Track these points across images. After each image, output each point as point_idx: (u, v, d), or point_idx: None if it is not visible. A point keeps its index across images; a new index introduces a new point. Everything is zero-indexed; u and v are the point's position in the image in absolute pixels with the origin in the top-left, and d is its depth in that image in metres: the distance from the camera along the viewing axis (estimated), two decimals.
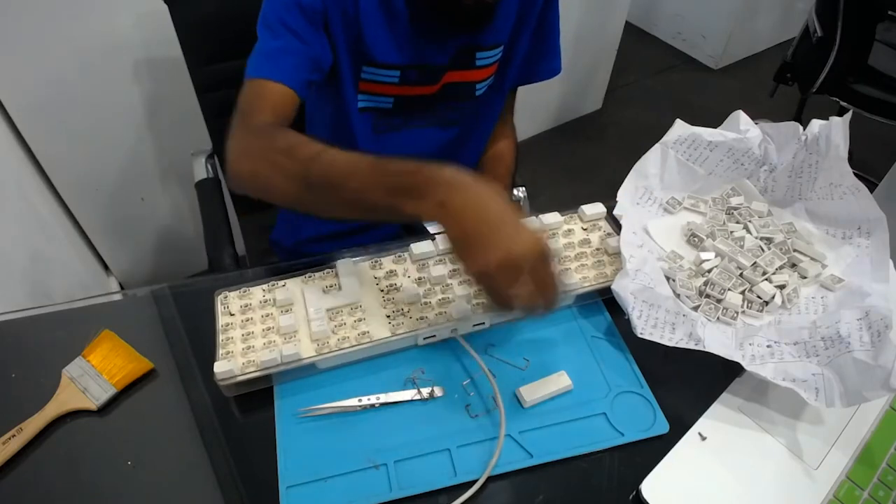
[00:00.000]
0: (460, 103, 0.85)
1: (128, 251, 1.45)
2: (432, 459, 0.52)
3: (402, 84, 0.78)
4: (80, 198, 1.29)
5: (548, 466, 0.52)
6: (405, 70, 0.77)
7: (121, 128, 1.23)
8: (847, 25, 1.39)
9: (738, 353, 0.55)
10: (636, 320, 0.57)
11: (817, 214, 0.69)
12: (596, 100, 2.23)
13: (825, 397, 0.51)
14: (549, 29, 0.86)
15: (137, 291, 0.66)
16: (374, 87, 0.78)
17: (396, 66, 0.76)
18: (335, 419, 0.55)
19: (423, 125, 0.85)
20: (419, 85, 0.79)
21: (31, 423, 0.53)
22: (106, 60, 1.12)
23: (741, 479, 0.51)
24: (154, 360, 0.58)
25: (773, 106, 1.88)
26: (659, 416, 0.55)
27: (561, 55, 0.90)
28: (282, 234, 1.01)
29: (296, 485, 0.50)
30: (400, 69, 0.77)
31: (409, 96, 0.80)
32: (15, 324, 0.63)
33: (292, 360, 0.55)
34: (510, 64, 0.86)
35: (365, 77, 0.77)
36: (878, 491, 0.51)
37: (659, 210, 0.71)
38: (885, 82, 1.48)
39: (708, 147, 0.70)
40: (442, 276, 0.62)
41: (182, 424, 0.55)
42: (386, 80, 0.78)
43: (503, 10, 0.79)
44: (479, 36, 0.78)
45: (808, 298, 0.63)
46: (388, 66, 0.76)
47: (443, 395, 0.56)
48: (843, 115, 0.65)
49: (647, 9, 2.59)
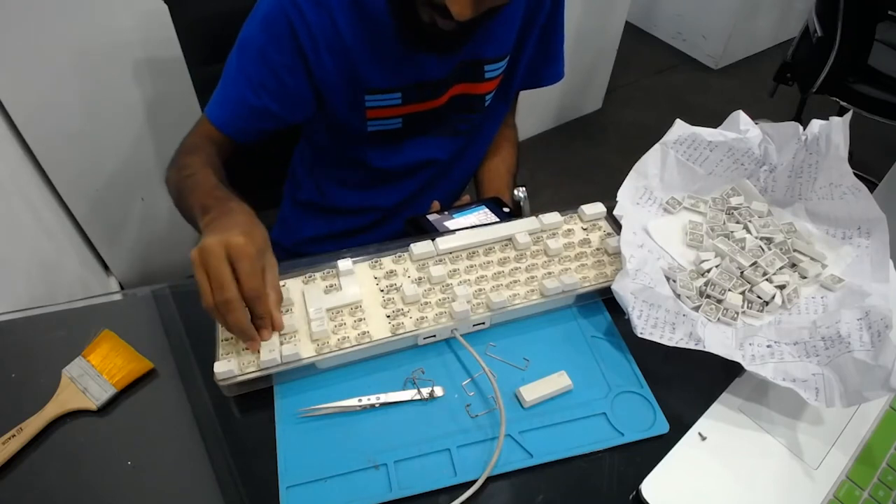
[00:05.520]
0: (472, 115, 0.86)
1: (128, 251, 1.45)
2: (432, 459, 0.52)
3: (406, 104, 0.79)
4: (80, 198, 1.29)
5: (548, 466, 0.52)
6: (405, 90, 0.77)
7: (121, 128, 1.23)
8: (847, 25, 1.39)
9: (738, 353, 0.55)
10: (636, 320, 0.57)
11: (817, 214, 0.69)
12: (596, 100, 2.23)
13: (825, 397, 0.51)
14: (553, 35, 0.86)
15: (137, 291, 0.66)
16: (380, 112, 0.79)
17: (396, 89, 0.77)
18: (335, 419, 0.55)
19: (434, 135, 0.86)
20: (423, 101, 0.79)
21: (31, 423, 0.53)
22: (106, 60, 1.12)
23: (741, 479, 0.51)
24: (154, 360, 0.58)
25: (773, 106, 1.88)
26: (659, 416, 0.55)
27: (564, 60, 0.90)
28: (281, 235, 1.01)
29: (296, 485, 0.50)
30: (400, 91, 0.77)
31: (416, 113, 0.81)
32: (15, 324, 0.63)
33: (292, 360, 0.55)
34: (516, 71, 0.86)
35: (369, 105, 0.77)
36: (879, 491, 0.51)
37: (659, 210, 0.71)
38: (885, 82, 1.48)
39: (708, 147, 0.70)
40: (442, 276, 0.62)
41: (182, 424, 0.55)
42: (389, 104, 0.78)
43: (507, 20, 0.79)
44: (481, 49, 0.78)
45: (809, 298, 0.63)
46: (388, 90, 0.77)
47: (443, 395, 0.56)
48: (843, 115, 0.65)
49: (647, 9, 2.59)
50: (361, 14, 0.71)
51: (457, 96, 0.82)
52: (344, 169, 0.89)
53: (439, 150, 0.88)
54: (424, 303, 0.60)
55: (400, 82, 0.76)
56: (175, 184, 0.70)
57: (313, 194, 0.93)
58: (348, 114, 0.78)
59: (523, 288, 0.62)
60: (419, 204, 0.93)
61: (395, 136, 0.82)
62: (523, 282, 0.63)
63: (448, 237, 0.65)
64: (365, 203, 0.92)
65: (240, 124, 0.76)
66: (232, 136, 0.76)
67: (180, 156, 0.73)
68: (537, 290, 0.62)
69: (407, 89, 0.77)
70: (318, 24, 0.70)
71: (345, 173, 0.90)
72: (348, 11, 0.70)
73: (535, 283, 0.62)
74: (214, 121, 0.75)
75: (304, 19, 0.69)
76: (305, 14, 0.69)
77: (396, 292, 0.61)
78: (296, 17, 0.69)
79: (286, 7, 0.69)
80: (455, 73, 0.79)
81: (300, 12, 0.69)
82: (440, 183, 0.94)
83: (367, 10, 0.71)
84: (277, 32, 0.70)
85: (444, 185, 0.94)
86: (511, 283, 0.62)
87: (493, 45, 0.79)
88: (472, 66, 0.79)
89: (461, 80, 0.80)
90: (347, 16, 0.71)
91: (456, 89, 0.81)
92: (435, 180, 0.92)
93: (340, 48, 0.72)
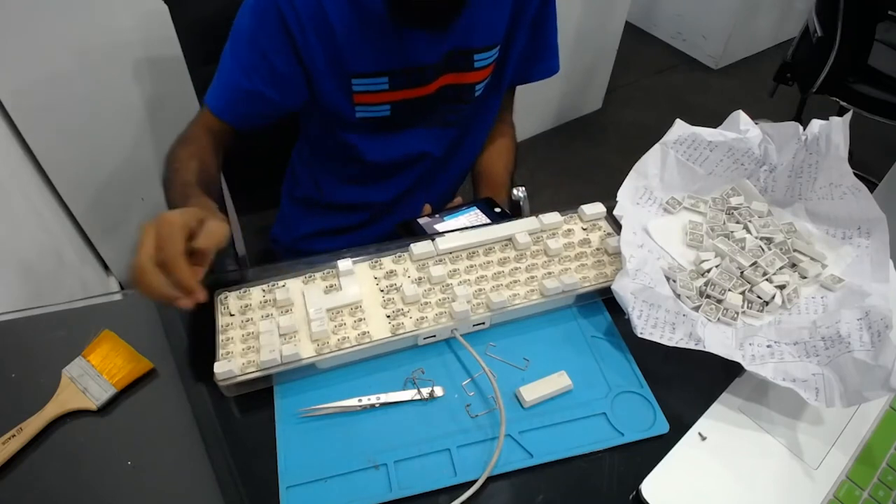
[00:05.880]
0: (462, 105, 0.85)
1: (128, 251, 1.45)
2: (432, 459, 0.52)
3: (393, 89, 0.78)
4: (80, 198, 1.29)
5: (548, 466, 0.52)
6: (392, 75, 0.77)
7: (121, 127, 1.23)
8: (847, 25, 1.39)
9: (738, 354, 0.55)
10: (636, 320, 0.57)
11: (817, 214, 0.69)
12: (596, 100, 2.23)
13: (825, 397, 0.51)
14: (545, 27, 0.86)
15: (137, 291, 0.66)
16: (367, 97, 0.78)
17: (383, 73, 0.77)
18: (335, 419, 0.55)
19: (423, 126, 0.85)
20: (411, 87, 0.79)
21: (31, 423, 0.53)
22: (106, 60, 1.12)
23: (741, 479, 0.51)
24: (154, 360, 0.58)
25: (773, 106, 1.88)
26: (659, 416, 0.55)
27: (559, 54, 0.90)
28: (280, 232, 1.01)
29: (296, 485, 0.50)
30: (387, 75, 0.77)
31: (404, 101, 0.80)
32: (15, 324, 0.63)
33: (292, 360, 0.55)
34: (507, 63, 0.86)
35: (357, 89, 0.77)
36: (878, 491, 0.51)
37: (659, 210, 0.71)
38: (886, 82, 1.48)
39: (708, 147, 0.70)
40: (442, 276, 0.62)
41: (182, 424, 0.55)
42: (376, 89, 0.78)
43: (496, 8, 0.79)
44: (470, 37, 0.78)
45: (809, 298, 0.63)
46: (374, 73, 0.76)
47: (443, 395, 0.56)
48: (843, 115, 0.65)
49: (647, 9, 2.59)
50: None
51: (446, 86, 0.81)
52: (339, 163, 0.89)
53: (431, 142, 0.87)
54: (424, 303, 0.60)
55: (387, 66, 0.76)
56: (163, 175, 0.73)
57: (311, 190, 0.94)
58: (337, 99, 0.78)
59: (523, 288, 0.62)
60: (415, 200, 0.93)
61: (384, 124, 0.82)
62: (523, 282, 0.63)
63: (448, 237, 0.65)
64: (361, 198, 0.93)
65: (235, 110, 0.77)
66: (229, 121, 0.77)
67: (175, 146, 0.75)
68: (537, 290, 0.62)
69: (394, 74, 0.77)
70: (304, 6, 0.70)
71: (340, 167, 0.90)
72: None
73: (535, 283, 0.62)
74: (211, 107, 0.76)
75: (291, 2, 0.69)
76: None
77: (396, 292, 0.61)
78: (283, 1, 0.69)
79: None
80: (444, 62, 0.78)
81: None
82: (435, 179, 0.94)
83: None
84: (266, 17, 0.71)
85: (439, 181, 0.95)
86: (511, 283, 0.62)
87: (483, 33, 0.79)
88: (461, 55, 0.79)
89: (450, 69, 0.80)
90: None
91: (445, 79, 0.81)
92: (430, 176, 0.92)
93: (328, 31, 0.72)
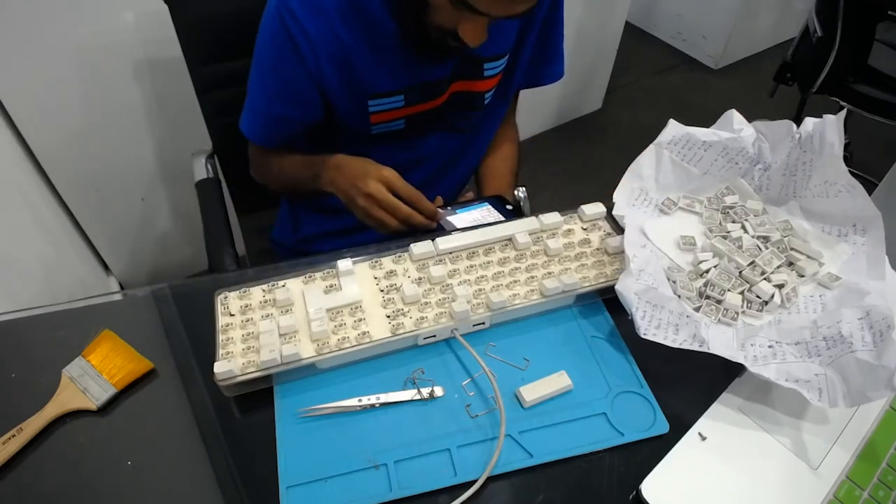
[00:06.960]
0: (471, 112, 0.86)
1: (128, 251, 1.45)
2: (432, 459, 0.52)
3: (408, 105, 0.79)
4: (80, 198, 1.29)
5: (548, 466, 0.52)
6: (408, 92, 0.78)
7: (121, 128, 1.23)
8: (847, 25, 1.39)
9: (740, 355, 0.55)
10: (640, 321, 0.57)
11: (812, 212, 0.69)
12: (596, 100, 2.23)
13: (828, 398, 0.51)
14: (553, 34, 0.86)
15: (137, 291, 0.66)
16: (383, 115, 0.80)
17: (398, 92, 0.77)
18: (335, 419, 0.55)
19: (434, 132, 0.86)
20: (425, 101, 0.80)
21: (31, 423, 0.53)
22: (106, 60, 1.12)
23: (741, 479, 0.51)
24: (154, 360, 0.58)
25: (773, 106, 1.88)
26: (659, 416, 0.55)
27: (564, 59, 0.90)
28: (282, 233, 1.01)
29: (296, 485, 0.50)
30: (403, 93, 0.78)
31: (418, 113, 0.81)
32: (15, 324, 0.63)
33: (292, 360, 0.55)
34: (515, 69, 0.86)
35: (373, 109, 0.78)
36: (879, 491, 0.51)
37: (655, 211, 0.71)
38: (886, 82, 1.48)
39: (702, 147, 0.70)
40: (442, 276, 0.62)
41: (182, 424, 0.55)
42: (393, 107, 0.79)
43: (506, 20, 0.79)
44: (481, 47, 0.78)
45: (807, 297, 0.63)
46: (391, 93, 0.77)
47: (443, 395, 0.56)
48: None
49: (647, 9, 2.59)
50: (362, 20, 0.71)
51: (456, 93, 0.82)
52: None
53: (439, 147, 0.88)
54: (424, 303, 0.60)
55: (402, 84, 0.77)
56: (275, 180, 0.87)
57: None
58: (354, 118, 0.79)
59: (523, 288, 0.62)
60: None
61: (398, 135, 0.83)
62: (523, 282, 0.63)
63: (448, 237, 0.65)
64: None
65: (268, 135, 0.81)
66: (264, 145, 0.83)
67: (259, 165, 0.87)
68: (537, 290, 0.62)
69: (409, 91, 0.78)
70: (317, 32, 0.70)
71: None
72: (348, 18, 0.70)
73: (535, 283, 0.62)
74: (247, 134, 0.81)
75: (302, 29, 0.70)
76: (303, 24, 0.69)
77: (396, 292, 0.61)
78: (294, 28, 0.69)
79: (284, 19, 0.69)
80: (455, 71, 0.79)
81: (297, 22, 0.69)
82: (440, 180, 0.94)
83: (367, 16, 0.71)
84: (280, 44, 0.71)
85: (444, 183, 0.95)
86: (511, 283, 0.62)
87: (493, 43, 0.79)
88: (471, 64, 0.79)
89: (461, 77, 0.80)
90: (348, 23, 0.71)
91: (455, 86, 0.81)
92: (435, 177, 0.92)
93: (341, 56, 0.72)
